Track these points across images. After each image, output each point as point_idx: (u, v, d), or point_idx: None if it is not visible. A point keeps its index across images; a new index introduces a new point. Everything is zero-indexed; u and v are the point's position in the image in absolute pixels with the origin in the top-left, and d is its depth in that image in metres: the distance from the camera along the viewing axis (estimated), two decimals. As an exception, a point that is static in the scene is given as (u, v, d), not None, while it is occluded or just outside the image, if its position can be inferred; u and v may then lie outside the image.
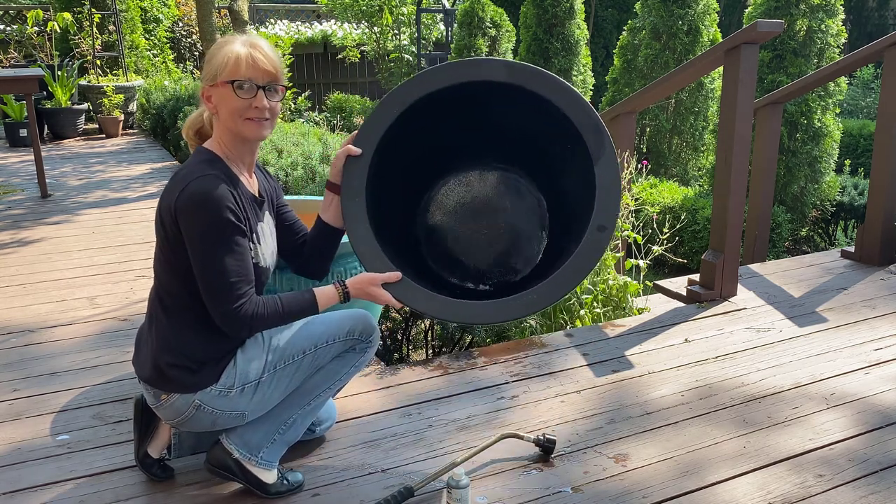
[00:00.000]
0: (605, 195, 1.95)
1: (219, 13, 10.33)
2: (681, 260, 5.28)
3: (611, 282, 3.50)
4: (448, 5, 10.46)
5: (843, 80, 5.91)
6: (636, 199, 5.51)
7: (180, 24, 10.90)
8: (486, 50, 9.01)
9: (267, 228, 2.05)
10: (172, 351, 1.92)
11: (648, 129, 7.01)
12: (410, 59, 10.77)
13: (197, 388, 1.92)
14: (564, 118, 2.00)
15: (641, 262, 3.60)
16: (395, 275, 1.97)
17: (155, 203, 5.51)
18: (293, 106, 9.49)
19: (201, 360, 1.93)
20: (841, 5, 5.86)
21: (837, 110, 5.93)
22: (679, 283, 3.75)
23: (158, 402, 1.96)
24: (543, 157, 2.20)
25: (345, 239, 2.37)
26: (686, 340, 3.13)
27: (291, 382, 2.04)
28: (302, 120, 9.31)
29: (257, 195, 2.03)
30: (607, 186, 1.95)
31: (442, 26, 11.36)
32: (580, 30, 8.16)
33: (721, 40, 6.41)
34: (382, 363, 3.00)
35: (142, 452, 2.11)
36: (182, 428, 2.02)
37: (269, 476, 2.06)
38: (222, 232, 1.83)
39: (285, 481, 2.08)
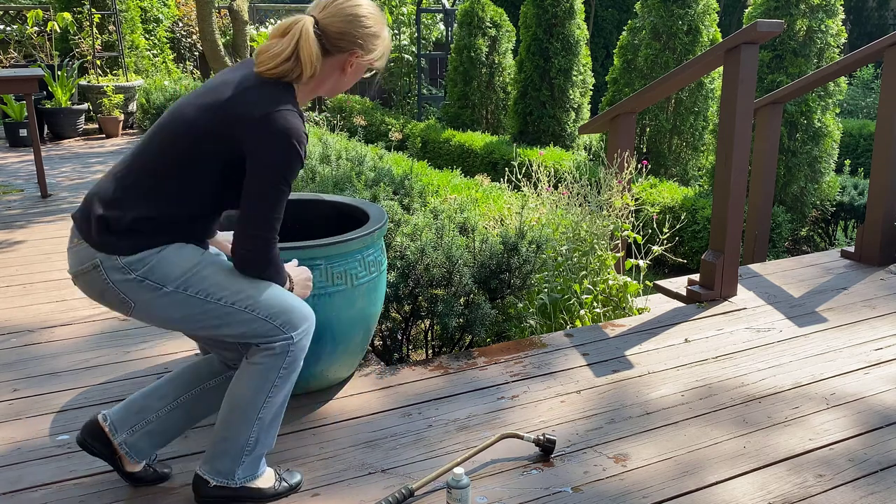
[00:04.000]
0: None
1: (219, 13, 10.34)
2: (681, 260, 5.28)
3: (611, 282, 3.51)
4: (448, 5, 10.46)
5: (843, 80, 5.91)
6: (636, 199, 5.51)
7: (180, 24, 10.90)
8: (486, 50, 9.01)
9: None
10: (113, 204, 1.85)
11: (648, 129, 7.01)
12: (410, 59, 10.77)
13: (105, 249, 1.84)
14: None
15: (641, 262, 3.60)
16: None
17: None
18: (293, 106, 9.48)
19: (131, 227, 1.84)
20: (841, 5, 5.86)
21: (837, 110, 5.93)
22: (679, 283, 3.75)
23: (71, 244, 1.90)
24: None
25: (346, 238, 2.39)
26: (686, 340, 3.13)
27: (184, 320, 1.91)
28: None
29: None
30: None
31: (442, 26, 11.37)
32: (580, 30, 8.16)
33: (721, 40, 6.41)
34: (382, 363, 3.00)
35: (124, 473, 2.08)
36: (79, 284, 1.91)
37: (263, 482, 2.05)
38: (292, 172, 1.86)
39: (283, 483, 2.08)
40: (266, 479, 2.07)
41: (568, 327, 3.42)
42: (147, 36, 9.79)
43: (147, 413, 2.06)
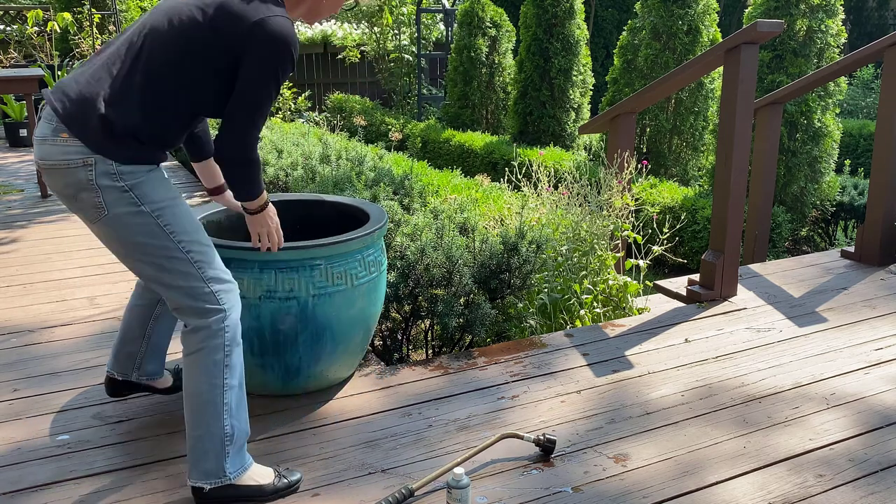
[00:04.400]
0: None
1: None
2: (681, 260, 5.29)
3: (611, 282, 3.51)
4: (448, 5, 10.46)
5: (843, 80, 5.91)
6: (636, 199, 5.51)
7: (180, 24, 10.90)
8: (486, 50, 9.01)
9: None
10: (113, 103, 1.84)
11: (648, 129, 7.01)
12: (410, 59, 10.77)
13: (102, 151, 1.84)
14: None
15: (641, 262, 3.60)
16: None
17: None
18: (293, 106, 9.50)
19: (128, 132, 1.85)
20: (841, 5, 5.85)
21: (837, 110, 5.93)
22: (679, 283, 3.75)
23: (55, 137, 1.84)
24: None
25: (346, 238, 2.39)
26: (686, 340, 3.13)
27: (139, 247, 1.91)
28: (302, 120, 9.32)
29: None
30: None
31: (442, 26, 11.36)
32: (580, 30, 8.16)
33: (721, 40, 6.41)
34: (382, 363, 3.00)
35: (163, 391, 2.49)
36: (52, 177, 1.87)
37: (259, 476, 2.05)
38: (284, 76, 1.92)
39: (283, 479, 2.08)
40: (265, 475, 2.07)
41: (568, 327, 3.42)
42: (147, 36, 9.79)
43: (134, 354, 2.38)
